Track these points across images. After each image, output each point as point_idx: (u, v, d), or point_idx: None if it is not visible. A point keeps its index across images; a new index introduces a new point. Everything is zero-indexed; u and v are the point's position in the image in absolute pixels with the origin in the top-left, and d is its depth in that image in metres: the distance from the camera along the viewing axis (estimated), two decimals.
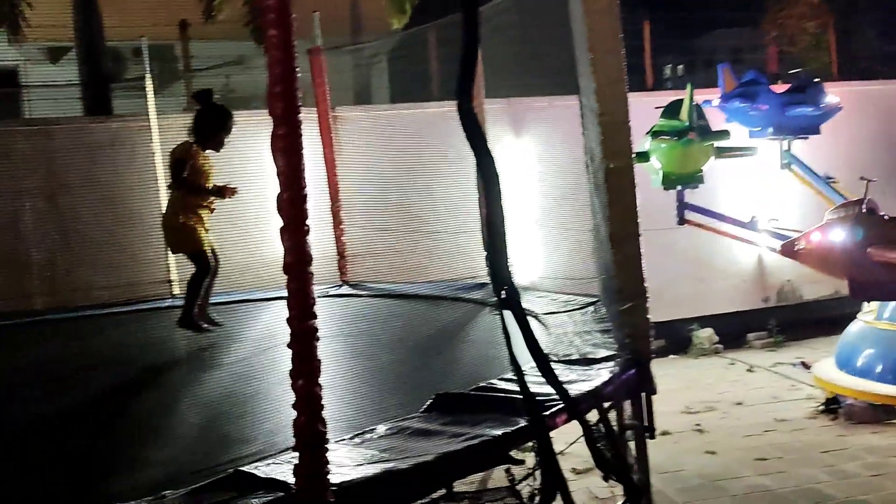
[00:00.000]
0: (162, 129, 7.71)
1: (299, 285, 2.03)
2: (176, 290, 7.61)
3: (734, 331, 9.82)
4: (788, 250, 6.75)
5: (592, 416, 3.09)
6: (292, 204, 2.01)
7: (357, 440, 2.67)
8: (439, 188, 7.89)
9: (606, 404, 3.20)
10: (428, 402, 3.01)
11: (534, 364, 2.85)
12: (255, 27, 10.67)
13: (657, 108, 7.08)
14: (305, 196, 2.03)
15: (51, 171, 7.63)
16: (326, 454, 2.11)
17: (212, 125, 4.92)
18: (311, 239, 2.12)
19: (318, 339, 2.08)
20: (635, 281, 3.47)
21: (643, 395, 3.50)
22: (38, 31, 10.30)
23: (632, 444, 3.44)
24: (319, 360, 2.10)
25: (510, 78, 8.05)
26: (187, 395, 4.02)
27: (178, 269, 7.63)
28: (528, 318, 2.80)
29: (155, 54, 11.93)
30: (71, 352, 5.49)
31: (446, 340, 4.84)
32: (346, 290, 6.97)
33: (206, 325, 5.04)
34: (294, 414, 2.10)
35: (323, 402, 2.14)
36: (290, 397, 2.11)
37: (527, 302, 5.54)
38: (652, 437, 3.54)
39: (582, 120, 4.38)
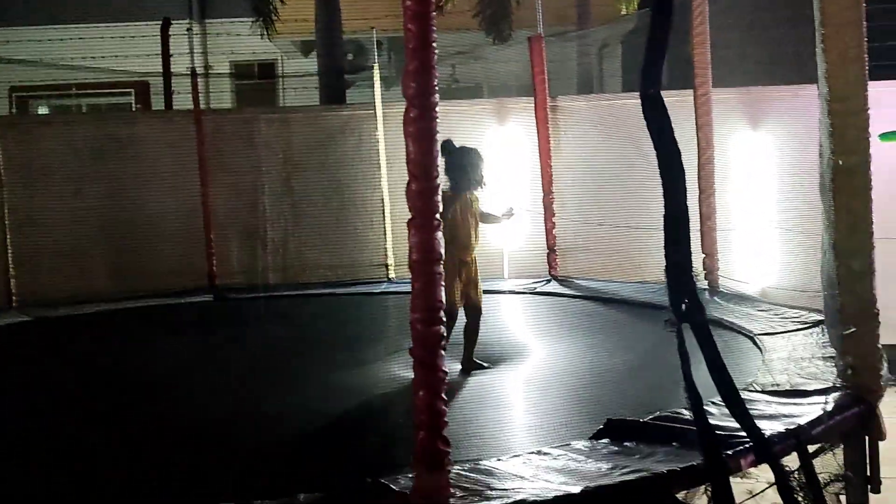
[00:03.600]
0: (386, 118, 7.92)
1: (425, 285, 1.83)
2: (392, 275, 7.86)
3: None
4: None
5: (793, 460, 2.59)
6: (421, 196, 1.81)
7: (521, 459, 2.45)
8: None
9: (812, 448, 2.67)
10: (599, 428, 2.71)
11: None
12: (483, 18, 10.64)
13: None
14: (435, 188, 1.83)
15: (287, 156, 8.15)
16: (448, 476, 1.90)
17: (463, 168, 4.65)
18: (523, 231, 1.90)
19: (444, 347, 1.87)
20: (862, 301, 2.88)
21: (866, 439, 2.90)
22: (287, 25, 11.03)
23: (843, 499, 2.87)
24: (445, 372, 1.89)
25: (743, 64, 7.26)
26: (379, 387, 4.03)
27: (394, 253, 7.87)
28: (746, 338, 2.40)
29: (391, 46, 12.46)
30: (285, 329, 5.83)
31: (643, 354, 4.42)
32: (552, 286, 6.71)
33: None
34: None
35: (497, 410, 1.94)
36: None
37: (747, 317, 5.02)
38: (876, 490, 2.94)
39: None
